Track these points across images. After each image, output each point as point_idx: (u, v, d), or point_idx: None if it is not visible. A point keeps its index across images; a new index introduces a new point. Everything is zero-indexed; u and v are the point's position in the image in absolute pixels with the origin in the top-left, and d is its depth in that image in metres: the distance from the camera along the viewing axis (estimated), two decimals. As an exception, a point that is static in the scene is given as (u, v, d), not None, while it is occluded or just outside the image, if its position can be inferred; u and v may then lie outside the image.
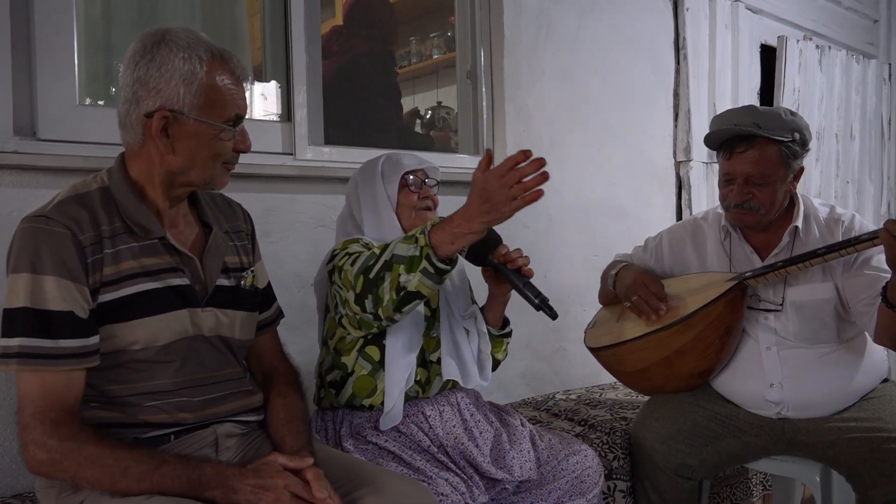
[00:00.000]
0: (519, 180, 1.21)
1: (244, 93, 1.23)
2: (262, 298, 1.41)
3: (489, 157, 1.25)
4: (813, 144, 3.60)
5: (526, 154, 1.21)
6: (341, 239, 1.64)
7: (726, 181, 1.77)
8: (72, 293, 1.09)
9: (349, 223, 1.66)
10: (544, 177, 1.21)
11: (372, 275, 1.33)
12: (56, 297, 1.08)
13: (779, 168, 1.71)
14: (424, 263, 1.27)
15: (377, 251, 1.37)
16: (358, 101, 2.57)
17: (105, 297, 1.13)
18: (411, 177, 1.62)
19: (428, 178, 1.65)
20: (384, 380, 1.51)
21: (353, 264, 1.40)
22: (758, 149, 1.70)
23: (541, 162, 1.20)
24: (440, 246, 1.27)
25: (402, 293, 1.30)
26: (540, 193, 1.22)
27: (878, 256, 1.67)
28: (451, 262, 1.30)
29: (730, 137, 1.73)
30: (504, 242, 1.53)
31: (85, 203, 1.15)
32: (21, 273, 1.08)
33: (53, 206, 1.13)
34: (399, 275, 1.29)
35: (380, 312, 1.35)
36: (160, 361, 1.17)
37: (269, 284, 1.45)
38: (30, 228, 1.10)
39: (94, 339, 1.12)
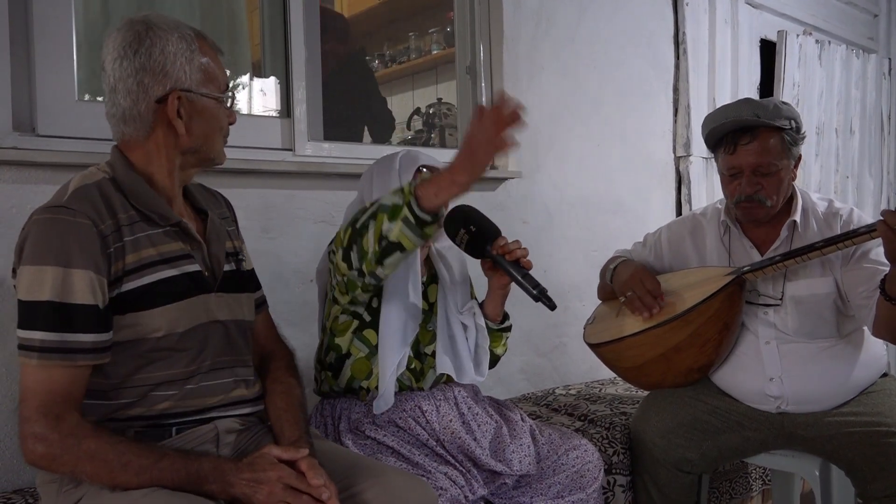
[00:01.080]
0: (495, 124, 1.20)
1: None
2: (255, 279, 1.43)
3: (481, 110, 1.23)
4: (812, 139, 3.65)
5: (503, 96, 1.20)
6: None
7: (731, 176, 1.76)
8: (96, 286, 1.09)
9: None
10: (516, 118, 1.19)
11: (358, 225, 1.35)
12: (84, 290, 1.07)
13: (782, 156, 1.72)
14: (405, 212, 1.27)
15: (367, 206, 1.37)
16: (335, 105, 2.59)
17: (128, 285, 1.13)
18: (426, 171, 1.62)
19: None
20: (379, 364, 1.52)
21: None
22: (761, 139, 1.70)
23: (518, 107, 1.19)
24: (425, 197, 1.27)
25: (383, 243, 1.30)
26: (512, 142, 1.21)
27: (877, 249, 1.67)
28: (436, 216, 1.29)
29: (731, 131, 1.73)
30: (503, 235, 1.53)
31: (99, 192, 1.14)
32: (46, 265, 1.06)
33: (71, 196, 1.11)
34: (382, 223, 1.29)
35: (364, 267, 1.35)
36: (179, 349, 1.18)
37: (252, 267, 1.46)
38: (51, 220, 1.08)
39: (109, 335, 1.12)
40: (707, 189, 3.17)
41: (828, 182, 3.81)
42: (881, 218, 1.47)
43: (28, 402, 1.07)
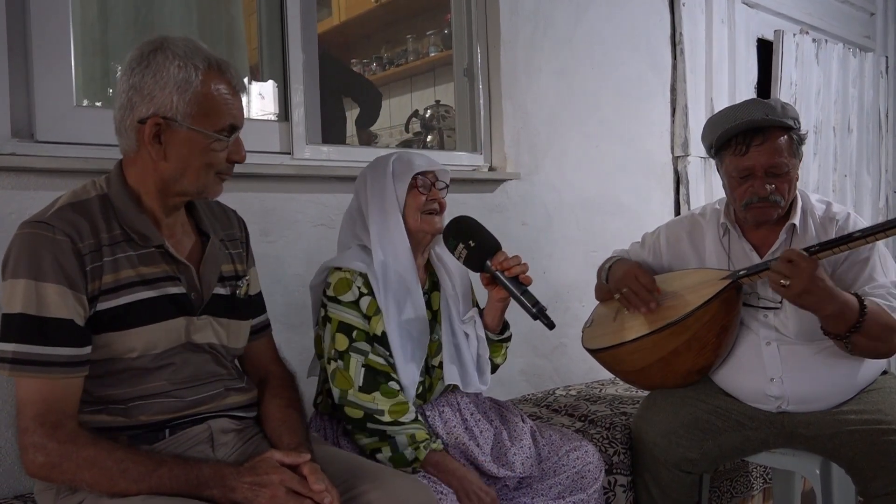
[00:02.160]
0: None
1: (240, 104, 1.22)
2: (256, 305, 1.41)
3: None
4: (810, 138, 3.65)
5: None
6: (347, 236, 1.63)
7: (742, 178, 1.73)
8: (71, 301, 1.09)
9: (357, 221, 1.62)
10: None
11: (368, 425, 1.46)
12: (57, 303, 1.08)
13: (791, 155, 1.72)
14: (405, 466, 1.44)
15: (380, 408, 1.45)
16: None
17: (103, 305, 1.13)
18: (421, 178, 1.58)
19: (438, 180, 1.62)
20: None
21: (348, 366, 1.48)
22: (772, 139, 1.69)
23: None
24: (428, 466, 1.44)
25: (367, 449, 1.47)
26: None
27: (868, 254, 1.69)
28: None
29: (742, 132, 1.72)
30: (503, 249, 1.51)
31: (84, 210, 1.15)
32: (20, 279, 1.08)
33: (53, 213, 1.13)
34: (379, 450, 1.45)
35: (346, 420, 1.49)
36: (156, 368, 1.18)
37: (259, 291, 1.44)
38: (30, 234, 1.10)
39: (87, 350, 1.12)
40: (705, 189, 3.17)
41: (826, 181, 3.81)
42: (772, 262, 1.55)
43: (25, 412, 1.07)
